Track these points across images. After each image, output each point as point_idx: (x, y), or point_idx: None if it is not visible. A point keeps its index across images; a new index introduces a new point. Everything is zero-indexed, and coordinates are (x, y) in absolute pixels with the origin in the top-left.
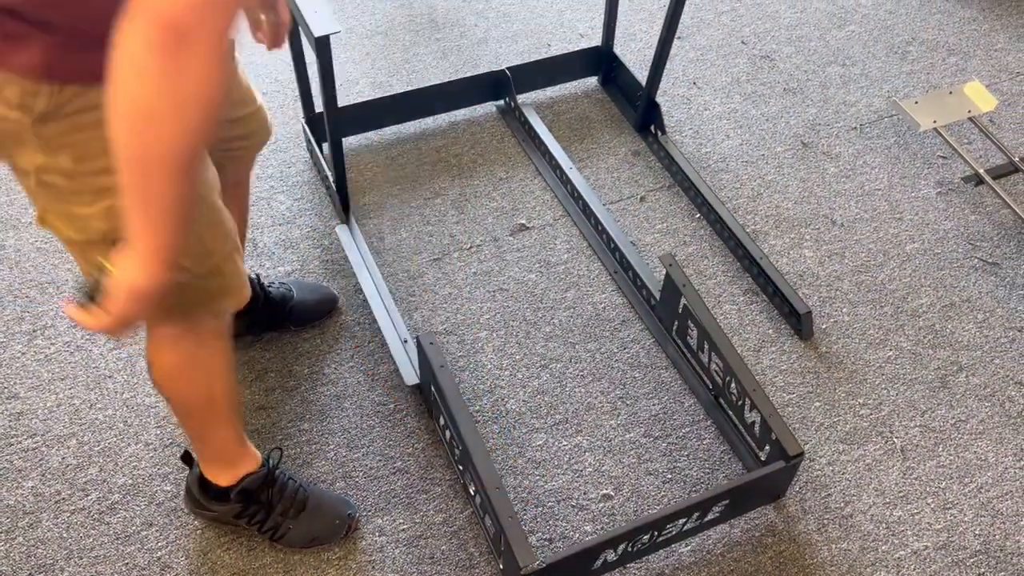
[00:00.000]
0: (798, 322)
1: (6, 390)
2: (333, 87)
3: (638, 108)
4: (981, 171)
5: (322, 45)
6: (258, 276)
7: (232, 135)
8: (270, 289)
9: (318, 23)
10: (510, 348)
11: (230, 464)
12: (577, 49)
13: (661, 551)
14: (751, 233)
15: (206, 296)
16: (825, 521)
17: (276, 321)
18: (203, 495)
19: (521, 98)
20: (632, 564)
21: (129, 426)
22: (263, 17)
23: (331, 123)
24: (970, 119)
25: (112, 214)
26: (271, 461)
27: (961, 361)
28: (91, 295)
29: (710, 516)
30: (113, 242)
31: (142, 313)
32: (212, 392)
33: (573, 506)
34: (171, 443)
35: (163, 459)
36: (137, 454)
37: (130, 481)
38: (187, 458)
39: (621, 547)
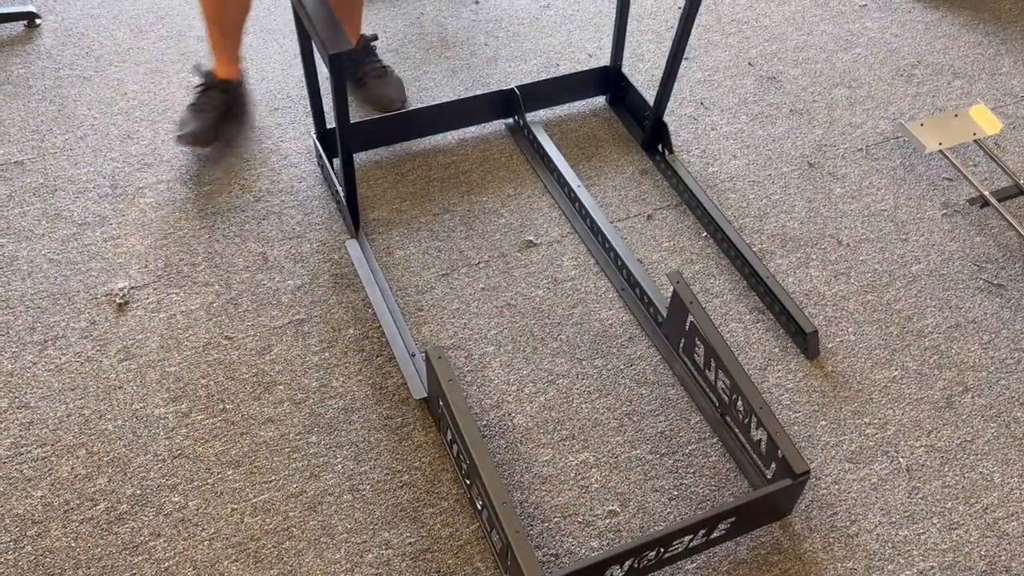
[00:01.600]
0: (804, 341)
1: (17, 399)
2: (346, 103)
3: (646, 127)
4: (986, 193)
5: (336, 62)
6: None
7: None
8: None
9: (332, 40)
10: (517, 363)
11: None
12: (586, 69)
13: (667, 568)
14: (758, 252)
15: None
16: (831, 540)
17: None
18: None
19: (530, 116)
20: None
21: (138, 437)
22: None
23: (343, 139)
24: (975, 142)
25: None
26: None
27: (967, 382)
28: None
29: (716, 533)
30: None
31: None
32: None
33: (579, 522)
34: (179, 454)
35: (171, 470)
36: (146, 465)
37: (138, 492)
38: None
39: (628, 563)
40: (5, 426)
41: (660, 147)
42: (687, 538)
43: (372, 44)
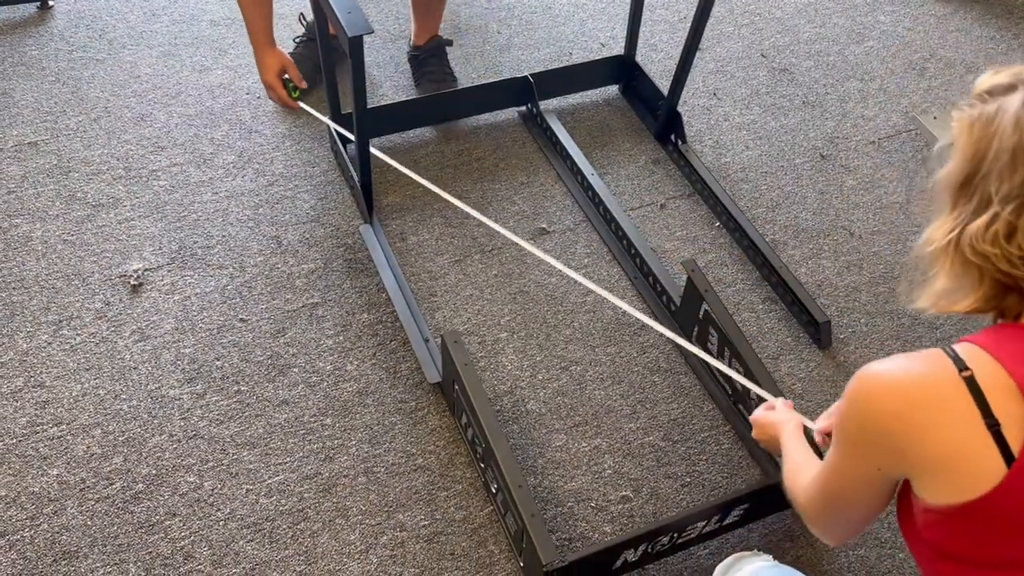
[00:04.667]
0: (817, 331)
1: (32, 379)
2: (364, 88)
3: (659, 117)
4: None
5: (355, 46)
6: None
7: None
8: None
9: (352, 23)
10: (530, 350)
11: None
12: (599, 58)
13: (679, 553)
14: (770, 242)
15: None
16: None
17: None
18: None
19: (543, 104)
20: (651, 565)
21: (153, 417)
22: None
23: (360, 124)
24: None
25: None
26: None
27: None
28: None
29: (729, 520)
30: None
31: None
32: None
33: (592, 507)
34: (195, 435)
35: (187, 450)
36: (161, 445)
37: (154, 471)
38: None
39: (641, 548)
40: (21, 405)
41: (673, 137)
42: (700, 524)
43: (445, 48)
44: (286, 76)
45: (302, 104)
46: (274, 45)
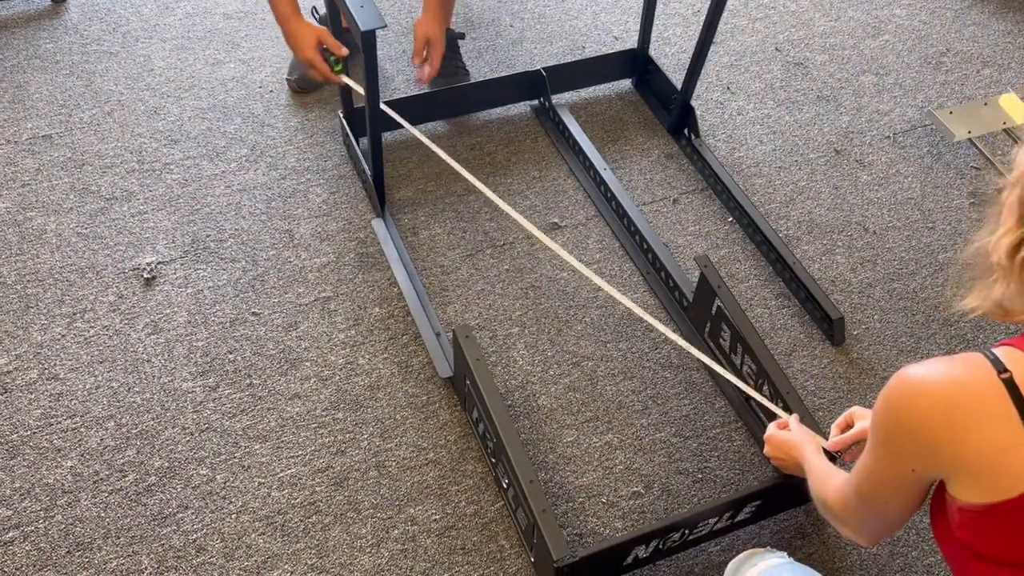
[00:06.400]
0: (830, 327)
1: (47, 371)
2: (376, 82)
3: (672, 111)
4: None
5: (368, 40)
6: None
7: None
8: None
9: (365, 17)
10: (542, 345)
11: None
12: (612, 51)
13: (691, 550)
14: (784, 238)
15: None
16: None
17: None
18: None
19: (556, 98)
20: (662, 562)
21: (166, 410)
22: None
23: (373, 120)
24: (1005, 131)
25: None
26: None
27: None
28: None
29: (741, 516)
30: None
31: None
32: None
33: (603, 502)
34: (207, 428)
35: (199, 443)
36: (174, 438)
37: (167, 464)
38: None
39: (652, 544)
40: (35, 397)
41: (686, 131)
42: (712, 520)
43: (457, 42)
44: (324, 47)
45: (345, 78)
46: (303, 16)
